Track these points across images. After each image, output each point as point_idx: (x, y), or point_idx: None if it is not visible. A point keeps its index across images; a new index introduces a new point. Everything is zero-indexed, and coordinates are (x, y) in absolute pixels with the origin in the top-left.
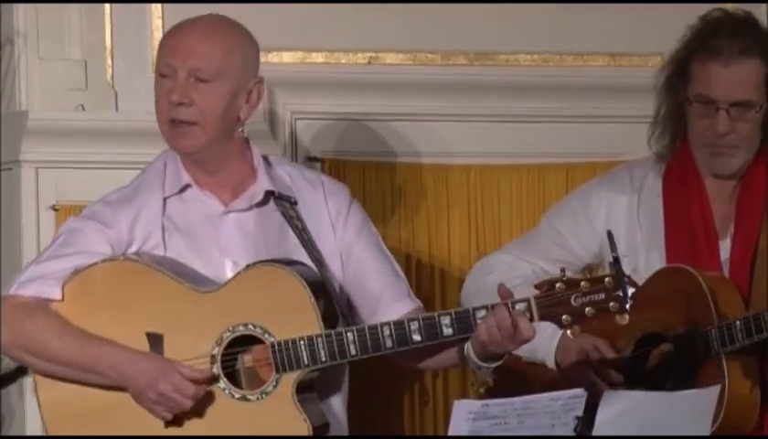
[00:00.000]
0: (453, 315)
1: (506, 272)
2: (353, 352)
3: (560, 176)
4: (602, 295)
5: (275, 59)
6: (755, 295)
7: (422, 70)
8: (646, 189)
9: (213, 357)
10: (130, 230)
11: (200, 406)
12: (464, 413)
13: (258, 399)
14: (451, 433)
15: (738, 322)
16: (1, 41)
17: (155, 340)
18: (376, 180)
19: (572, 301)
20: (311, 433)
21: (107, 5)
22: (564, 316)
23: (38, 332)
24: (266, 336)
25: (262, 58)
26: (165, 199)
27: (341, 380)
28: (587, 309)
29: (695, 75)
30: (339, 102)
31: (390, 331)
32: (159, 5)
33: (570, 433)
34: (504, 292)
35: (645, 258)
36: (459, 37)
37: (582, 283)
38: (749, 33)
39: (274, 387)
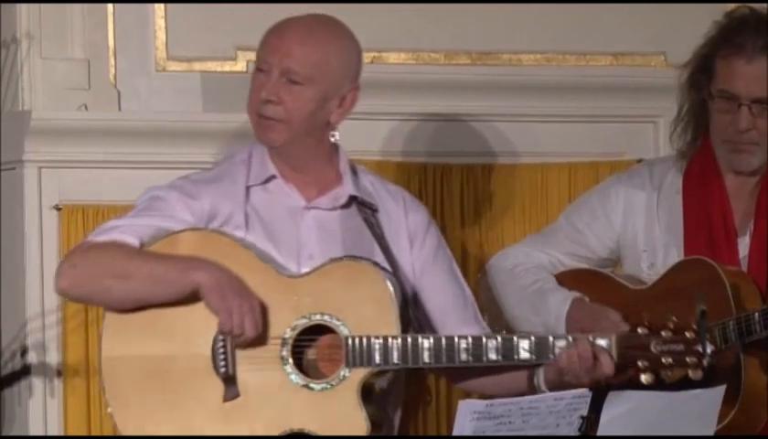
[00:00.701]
0: (533, 340)
1: (523, 258)
2: (426, 359)
3: (562, 175)
4: (682, 347)
5: None
6: None
7: (425, 70)
8: (666, 186)
9: (284, 340)
10: (212, 207)
11: (262, 386)
12: (468, 413)
13: (322, 389)
14: (455, 432)
15: (756, 314)
16: (2, 41)
17: None
18: None
19: (652, 347)
20: (368, 431)
21: (110, 5)
22: (641, 361)
23: (116, 256)
24: (342, 328)
25: None
26: (248, 188)
27: (399, 396)
28: (664, 358)
29: (718, 71)
30: None
31: (467, 345)
32: (162, 5)
33: (575, 432)
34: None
35: (663, 254)
36: (462, 37)
37: (664, 332)
38: None
39: (340, 380)
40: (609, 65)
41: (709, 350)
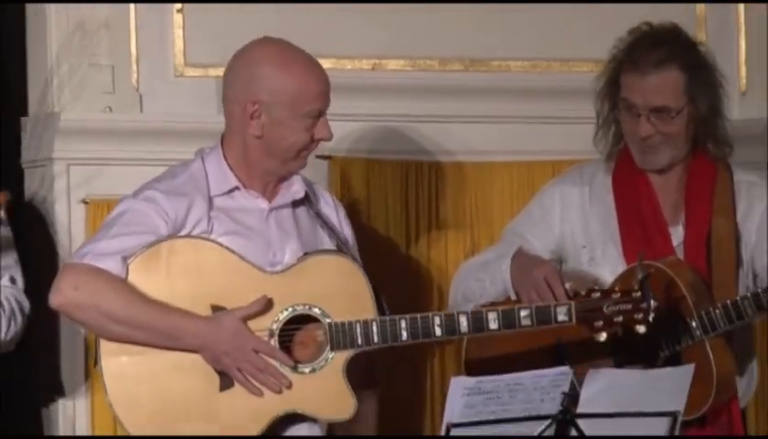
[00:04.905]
0: (500, 312)
1: (478, 260)
2: (404, 337)
3: (548, 172)
4: (630, 306)
5: None
6: (717, 280)
7: (422, 75)
8: (597, 184)
9: (271, 331)
10: (185, 216)
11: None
12: (459, 389)
13: (310, 372)
14: (447, 407)
15: (717, 310)
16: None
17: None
18: (379, 176)
19: (605, 308)
20: (355, 409)
21: (132, 16)
22: (597, 322)
23: (119, 294)
24: (323, 316)
25: None
26: (211, 197)
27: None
28: (615, 317)
29: (622, 82)
30: (346, 104)
31: (441, 321)
32: (180, 16)
33: (558, 407)
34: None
35: (601, 249)
36: (456, 45)
37: (614, 294)
38: (666, 46)
39: (326, 362)
40: (590, 71)
41: (653, 305)
